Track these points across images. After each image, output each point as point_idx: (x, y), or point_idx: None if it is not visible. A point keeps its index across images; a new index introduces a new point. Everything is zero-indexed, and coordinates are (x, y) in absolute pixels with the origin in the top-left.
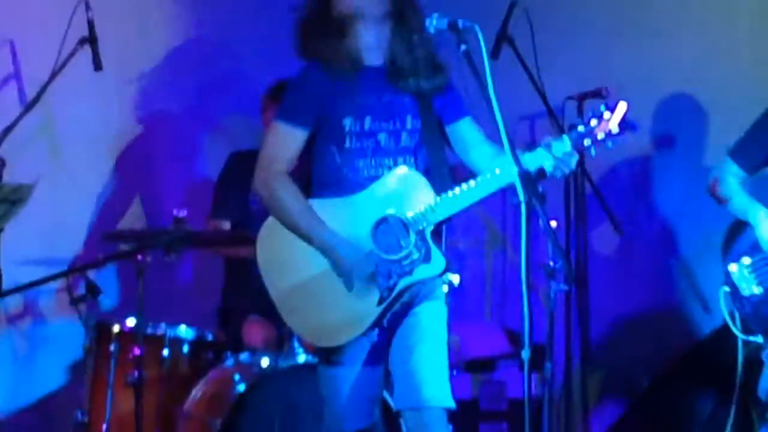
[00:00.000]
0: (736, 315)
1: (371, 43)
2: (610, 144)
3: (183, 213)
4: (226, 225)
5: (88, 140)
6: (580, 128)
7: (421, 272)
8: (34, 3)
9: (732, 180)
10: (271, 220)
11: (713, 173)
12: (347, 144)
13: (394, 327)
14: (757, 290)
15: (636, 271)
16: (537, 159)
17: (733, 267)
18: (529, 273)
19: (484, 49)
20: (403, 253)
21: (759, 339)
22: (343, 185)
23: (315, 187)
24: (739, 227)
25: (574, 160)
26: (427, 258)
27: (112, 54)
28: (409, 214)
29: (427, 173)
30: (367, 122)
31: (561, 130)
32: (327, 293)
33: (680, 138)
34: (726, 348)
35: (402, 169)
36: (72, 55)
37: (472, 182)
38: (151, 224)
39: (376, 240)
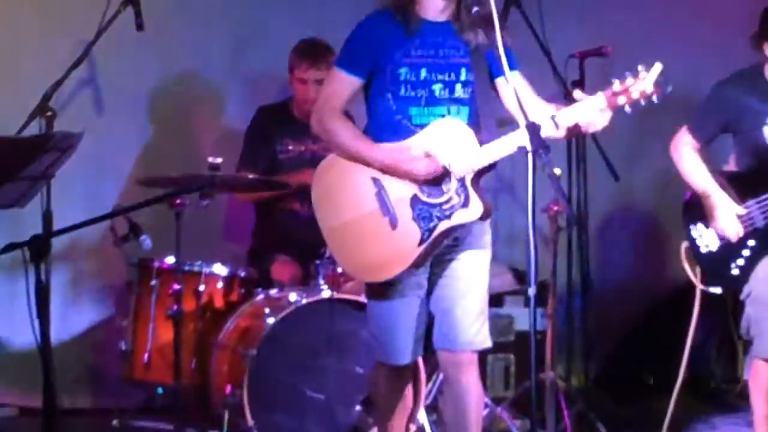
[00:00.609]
0: (698, 269)
1: (439, 4)
2: (643, 103)
3: (218, 160)
4: (254, 174)
5: (129, 94)
6: (616, 86)
7: (460, 217)
8: None
9: (686, 148)
10: (327, 159)
11: (672, 141)
12: (402, 92)
13: (436, 268)
14: (712, 246)
15: (631, 215)
16: (573, 115)
17: (693, 226)
18: (534, 216)
19: (495, 12)
20: (444, 198)
21: (718, 290)
22: (395, 130)
23: (370, 131)
24: (694, 194)
25: (608, 116)
26: (465, 203)
27: (152, 15)
28: (452, 161)
29: (476, 123)
30: (423, 73)
31: (564, 86)
32: (373, 232)
33: (674, 95)
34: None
35: (449, 119)
36: (116, 16)
37: (509, 135)
38: (186, 168)
39: (420, 184)
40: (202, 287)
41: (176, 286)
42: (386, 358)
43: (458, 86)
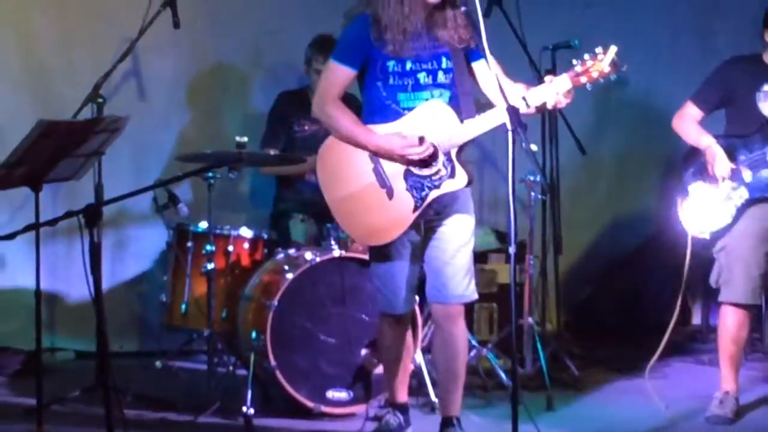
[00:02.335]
0: (692, 218)
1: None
2: (602, 81)
3: (244, 139)
4: (275, 151)
5: (167, 83)
6: (578, 68)
7: (448, 186)
8: None
9: (689, 119)
10: (328, 141)
11: (677, 114)
12: (390, 81)
13: (429, 232)
14: (705, 198)
15: (596, 183)
16: (541, 95)
17: (690, 180)
18: (514, 185)
19: (479, 11)
20: (433, 170)
21: (706, 236)
22: (386, 113)
23: (364, 115)
24: (693, 152)
25: (571, 94)
26: (452, 174)
27: (186, 15)
28: (438, 138)
29: (456, 104)
30: (408, 64)
31: (539, 74)
32: (373, 202)
33: (632, 80)
34: (677, 243)
35: (433, 101)
36: (156, 16)
37: (487, 113)
38: (216, 146)
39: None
40: (230, 248)
41: (209, 247)
42: (390, 309)
43: (440, 73)
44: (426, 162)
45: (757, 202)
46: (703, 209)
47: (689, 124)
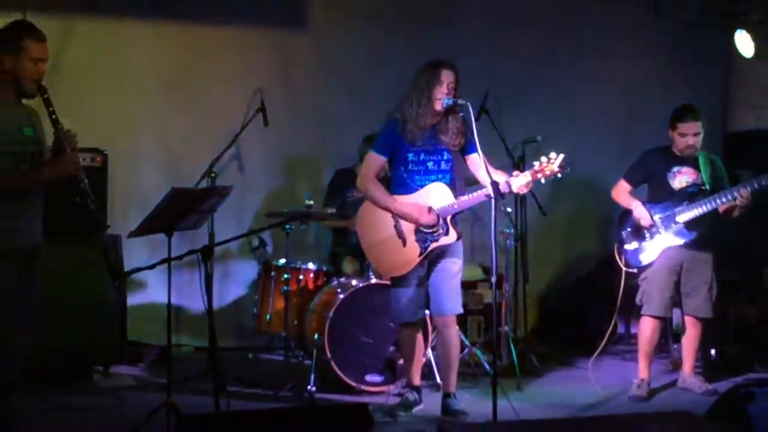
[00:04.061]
0: (624, 258)
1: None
2: (552, 178)
3: (311, 201)
4: (333, 210)
5: (259, 163)
6: (536, 166)
7: (443, 240)
8: (235, 90)
9: (623, 190)
10: (364, 205)
11: (614, 187)
12: (410, 167)
13: (430, 268)
14: (633, 246)
15: (552, 235)
16: (513, 183)
17: (624, 231)
18: (495, 235)
19: (472, 116)
20: (434, 229)
21: (634, 270)
22: (406, 188)
23: (391, 187)
24: (626, 213)
25: (530, 185)
26: (447, 232)
27: (273, 116)
28: (438, 208)
29: (452, 185)
30: (421, 156)
31: (514, 162)
32: (393, 248)
33: (576, 163)
34: (611, 276)
35: (437, 183)
36: (252, 117)
37: (469, 195)
38: (292, 207)
39: None
40: (301, 277)
41: (286, 276)
42: (402, 319)
43: (443, 163)
44: (432, 223)
45: (668, 248)
46: (634, 253)
47: (623, 194)
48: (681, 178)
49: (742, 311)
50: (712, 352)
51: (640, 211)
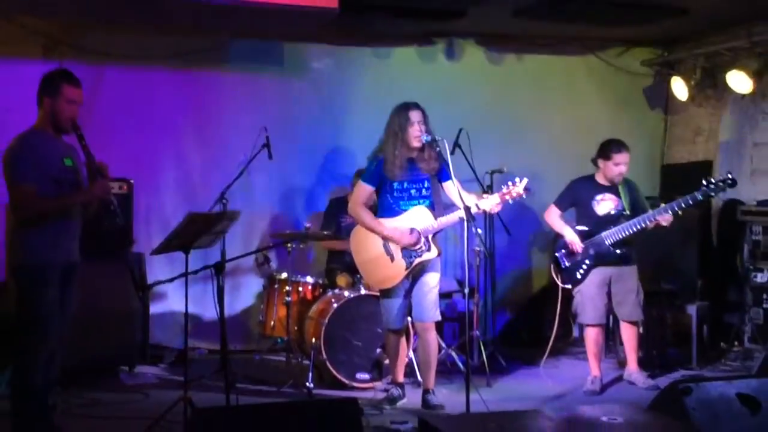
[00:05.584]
0: (560, 276)
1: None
2: (519, 199)
3: (309, 225)
4: (328, 232)
5: (264, 190)
6: (504, 189)
7: (426, 256)
8: (244, 128)
9: (554, 214)
10: (356, 228)
11: (546, 212)
12: (395, 194)
13: (414, 280)
14: (567, 264)
15: (516, 252)
16: (483, 204)
17: (558, 253)
18: (468, 252)
19: (447, 151)
20: (418, 247)
21: (569, 286)
22: (391, 212)
23: (378, 212)
24: (559, 236)
25: (500, 206)
26: (429, 249)
27: (277, 151)
28: (420, 228)
29: (432, 208)
30: (405, 184)
31: (483, 189)
32: (382, 264)
33: (535, 187)
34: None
35: (418, 207)
36: (259, 152)
37: (448, 215)
38: (293, 229)
39: None
40: (300, 289)
41: (287, 288)
42: (390, 326)
43: (423, 190)
44: (414, 242)
45: (597, 266)
46: (567, 271)
47: (555, 218)
48: (604, 204)
49: (679, 317)
50: (654, 353)
51: (572, 237)
